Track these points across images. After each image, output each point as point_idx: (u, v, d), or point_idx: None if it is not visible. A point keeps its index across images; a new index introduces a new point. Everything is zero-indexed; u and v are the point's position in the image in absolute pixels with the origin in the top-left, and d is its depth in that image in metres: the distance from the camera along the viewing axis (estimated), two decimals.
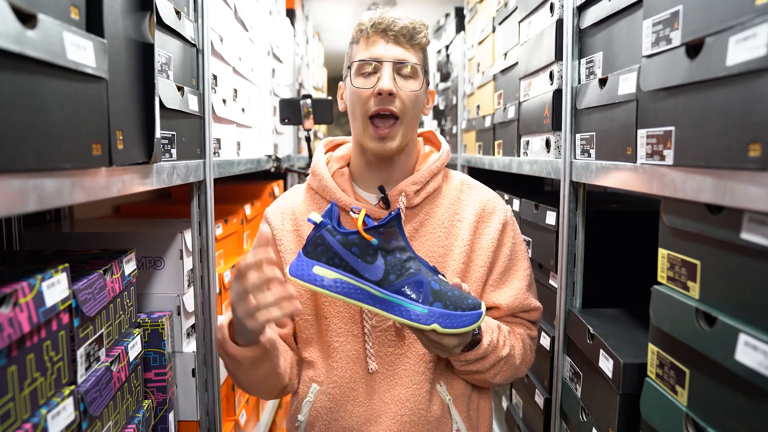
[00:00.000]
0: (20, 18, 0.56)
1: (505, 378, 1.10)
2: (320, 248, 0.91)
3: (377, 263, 0.91)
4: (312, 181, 1.15)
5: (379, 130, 1.03)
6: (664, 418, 0.87)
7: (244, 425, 1.77)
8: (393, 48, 1.04)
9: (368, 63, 1.04)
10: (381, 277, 0.90)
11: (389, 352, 1.06)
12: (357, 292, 0.90)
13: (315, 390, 1.08)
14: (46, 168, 0.62)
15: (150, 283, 1.31)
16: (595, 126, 1.20)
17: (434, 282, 0.92)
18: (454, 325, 0.90)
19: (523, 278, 1.14)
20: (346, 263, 0.91)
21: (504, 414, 2.00)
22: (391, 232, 0.91)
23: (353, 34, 1.09)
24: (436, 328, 0.89)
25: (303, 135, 3.06)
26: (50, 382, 0.76)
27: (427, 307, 0.90)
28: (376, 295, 0.91)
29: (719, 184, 0.71)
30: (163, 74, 1.07)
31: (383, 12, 1.05)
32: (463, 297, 0.92)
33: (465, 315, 0.91)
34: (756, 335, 0.65)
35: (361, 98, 1.04)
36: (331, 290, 0.90)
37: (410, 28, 1.04)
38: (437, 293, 0.91)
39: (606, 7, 1.15)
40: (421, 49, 1.07)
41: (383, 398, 1.06)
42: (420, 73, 1.06)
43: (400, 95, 1.03)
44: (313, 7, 4.33)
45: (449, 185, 1.15)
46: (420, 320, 0.89)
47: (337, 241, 0.90)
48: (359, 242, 0.90)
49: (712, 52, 0.70)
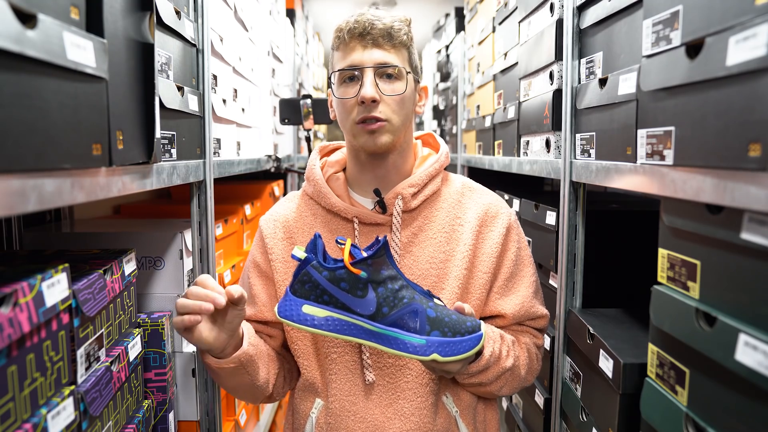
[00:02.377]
0: (20, 18, 0.56)
1: (511, 389, 1.07)
2: (307, 285, 0.87)
3: (368, 297, 0.87)
4: (307, 187, 1.12)
5: (368, 126, 1.00)
6: (664, 418, 0.87)
7: (244, 425, 1.77)
8: (372, 52, 0.99)
9: (348, 71, 1.00)
10: (374, 310, 0.87)
11: (389, 363, 1.03)
12: (351, 328, 0.87)
13: (319, 405, 1.06)
14: (46, 168, 0.62)
15: (150, 283, 1.31)
16: (595, 126, 1.20)
17: (429, 309, 0.89)
18: (453, 352, 0.87)
19: (529, 285, 1.10)
20: (336, 299, 0.87)
21: (504, 414, 2.00)
22: (380, 261, 0.88)
23: (332, 41, 1.05)
24: (435, 358, 0.86)
25: (303, 135, 3.06)
26: (50, 382, 0.76)
27: (425, 338, 0.87)
28: (371, 330, 0.87)
29: (719, 184, 0.71)
30: (163, 74, 1.07)
31: (361, 14, 1.01)
32: (461, 321, 0.89)
33: (464, 341, 0.88)
34: (756, 335, 0.65)
35: (346, 108, 1.01)
36: (323, 329, 0.87)
37: (389, 27, 0.99)
38: (434, 321, 0.88)
39: (606, 7, 1.15)
40: (405, 47, 1.03)
41: (385, 413, 1.02)
42: (403, 72, 1.01)
43: (385, 100, 0.99)
44: (313, 7, 4.33)
45: (449, 188, 1.11)
46: (418, 352, 0.86)
47: (324, 277, 0.87)
48: (347, 276, 0.86)
49: (712, 52, 0.70)
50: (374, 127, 1.00)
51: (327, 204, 1.07)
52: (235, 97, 1.66)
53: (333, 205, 1.06)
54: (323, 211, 1.10)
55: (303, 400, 1.09)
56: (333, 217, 1.08)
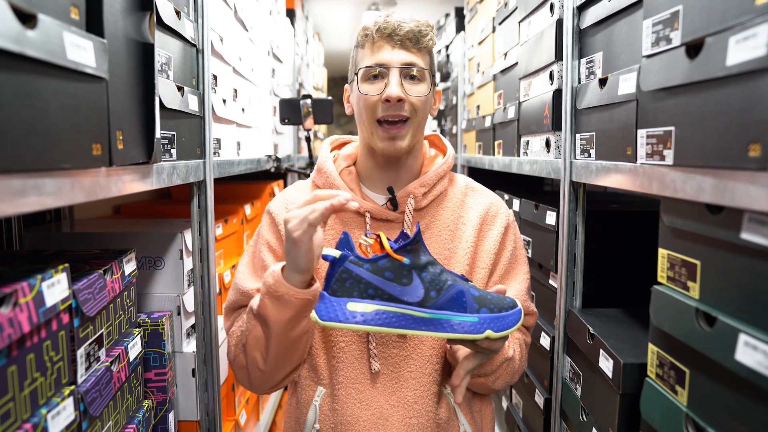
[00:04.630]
0: (20, 18, 0.56)
1: (503, 383, 1.09)
2: (348, 282, 0.85)
3: (414, 283, 0.86)
4: (317, 179, 1.13)
5: (388, 130, 1.03)
6: (664, 418, 0.87)
7: (244, 425, 1.77)
8: (399, 53, 1.03)
9: (375, 69, 1.03)
10: (422, 296, 0.86)
11: (393, 354, 1.05)
12: (400, 319, 0.85)
13: (321, 393, 1.07)
14: (46, 168, 0.62)
15: (150, 283, 1.31)
16: (595, 126, 1.20)
17: (472, 288, 0.89)
18: (504, 327, 0.88)
19: (523, 281, 1.13)
20: (382, 291, 0.85)
21: (504, 414, 1.99)
22: (418, 247, 0.88)
23: (358, 38, 1.08)
24: (489, 334, 0.86)
25: (303, 135, 3.06)
26: (50, 382, 0.76)
27: (477, 315, 0.87)
28: (421, 317, 0.86)
29: (719, 184, 0.71)
30: (163, 74, 1.07)
31: (388, 15, 1.05)
32: (500, 298, 0.90)
33: (510, 315, 0.89)
34: (756, 335, 0.65)
35: (369, 104, 1.04)
36: (372, 324, 0.84)
37: (416, 31, 1.04)
38: (480, 299, 0.88)
39: (606, 7, 1.15)
40: (428, 52, 1.07)
41: (389, 401, 1.05)
42: (427, 76, 1.05)
43: (409, 99, 1.03)
44: (313, 7, 4.33)
45: (454, 188, 1.15)
46: (473, 330, 0.86)
47: (367, 270, 0.85)
48: (391, 265, 0.85)
49: (712, 52, 0.70)
50: (394, 132, 1.02)
51: None
52: (235, 97, 1.66)
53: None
54: None
55: (305, 388, 1.10)
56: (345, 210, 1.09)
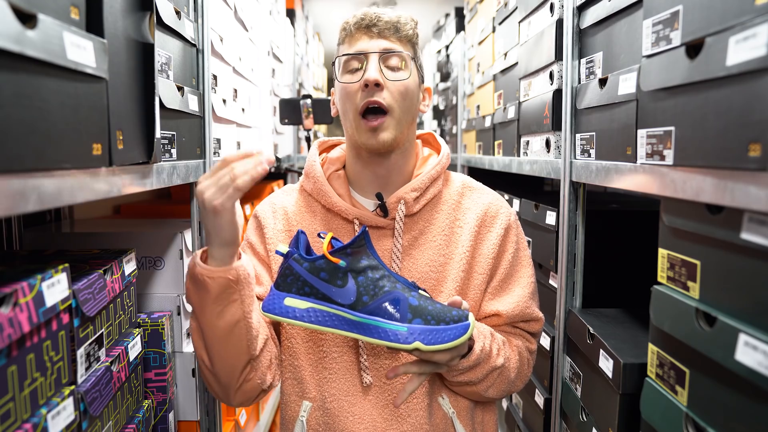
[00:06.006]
0: (20, 18, 0.56)
1: (498, 392, 1.04)
2: (289, 279, 0.88)
3: (348, 286, 0.87)
4: (306, 183, 1.09)
5: (370, 122, 0.99)
6: (664, 418, 0.87)
7: (244, 425, 1.77)
8: (378, 41, 1.00)
9: (354, 57, 1.00)
10: (354, 300, 0.86)
11: (385, 365, 1.01)
12: (331, 318, 0.87)
13: (308, 407, 1.03)
14: (46, 168, 0.62)
15: (150, 283, 1.31)
16: (595, 126, 1.20)
17: (412, 298, 0.87)
18: (438, 340, 0.85)
19: (526, 285, 1.07)
20: (316, 290, 0.87)
21: (504, 414, 2.00)
22: (360, 251, 0.88)
23: (339, 36, 1.05)
24: (418, 346, 0.84)
25: (303, 135, 3.06)
26: (50, 382, 0.76)
27: (406, 325, 0.85)
28: (351, 320, 0.87)
29: (719, 184, 0.71)
30: (163, 74, 1.07)
31: (367, 10, 1.02)
32: (445, 310, 0.87)
33: (449, 329, 0.85)
34: (756, 335, 0.65)
35: (349, 93, 1.00)
36: (304, 320, 0.87)
37: (395, 21, 1.00)
38: (416, 309, 0.86)
39: (606, 7, 1.15)
40: (409, 42, 1.03)
41: (382, 414, 1.01)
42: (411, 66, 1.01)
43: (388, 86, 0.98)
44: (313, 7, 4.33)
45: (450, 189, 1.09)
46: (399, 340, 0.84)
47: (305, 268, 0.87)
48: (327, 266, 0.87)
49: (712, 52, 0.70)
50: (375, 124, 0.98)
51: (327, 203, 1.05)
52: (235, 97, 1.66)
53: (334, 204, 1.04)
54: (322, 210, 1.07)
55: (290, 404, 1.06)
56: (333, 216, 1.06)
